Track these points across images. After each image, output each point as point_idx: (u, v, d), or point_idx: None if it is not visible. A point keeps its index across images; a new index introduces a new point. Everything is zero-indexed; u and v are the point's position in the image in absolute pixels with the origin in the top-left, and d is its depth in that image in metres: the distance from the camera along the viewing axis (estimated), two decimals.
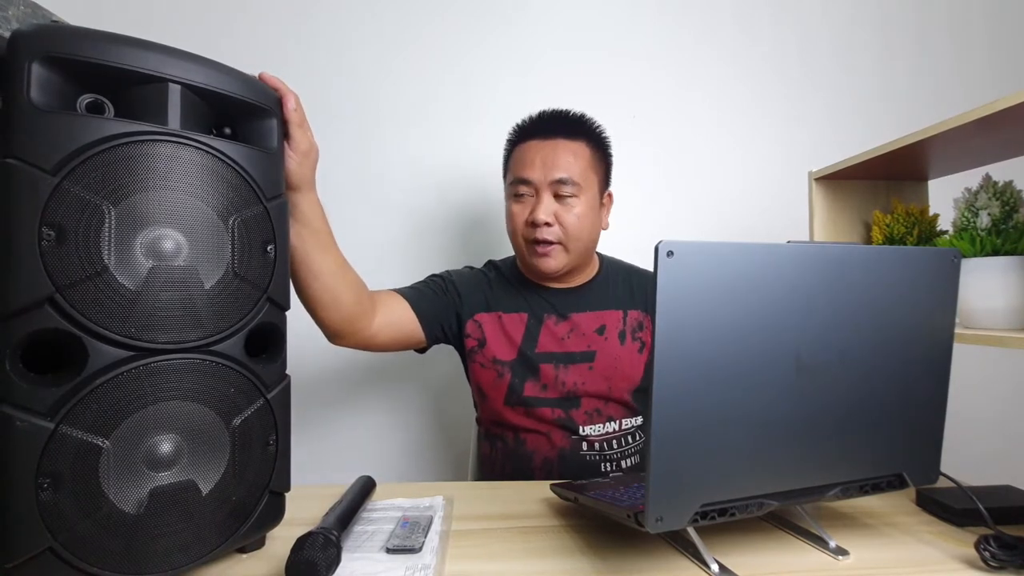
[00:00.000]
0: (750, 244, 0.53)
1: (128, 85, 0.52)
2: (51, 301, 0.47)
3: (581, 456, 0.99)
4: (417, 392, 1.41)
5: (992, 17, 1.56)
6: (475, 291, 1.04)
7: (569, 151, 0.97)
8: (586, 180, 0.97)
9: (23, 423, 0.45)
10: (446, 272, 1.07)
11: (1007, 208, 0.77)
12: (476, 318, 1.02)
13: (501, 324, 1.02)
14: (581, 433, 0.99)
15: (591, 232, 1.00)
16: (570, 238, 0.97)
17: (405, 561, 0.59)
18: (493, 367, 1.00)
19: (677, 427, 0.51)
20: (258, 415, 0.59)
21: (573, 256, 0.99)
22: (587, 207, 0.98)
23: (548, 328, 1.02)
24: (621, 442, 1.01)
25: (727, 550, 0.62)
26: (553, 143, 0.97)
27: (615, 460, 1.00)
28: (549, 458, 0.99)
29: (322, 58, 1.36)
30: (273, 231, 0.61)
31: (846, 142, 1.19)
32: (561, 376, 0.99)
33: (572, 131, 0.99)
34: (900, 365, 0.61)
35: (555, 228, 0.96)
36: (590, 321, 1.02)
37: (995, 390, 1.50)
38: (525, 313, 1.03)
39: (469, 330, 1.02)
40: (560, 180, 0.95)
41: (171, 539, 0.52)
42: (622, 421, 1.01)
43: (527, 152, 0.98)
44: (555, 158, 0.96)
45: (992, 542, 0.58)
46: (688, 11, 1.47)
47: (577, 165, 0.97)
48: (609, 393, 1.00)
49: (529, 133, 1.00)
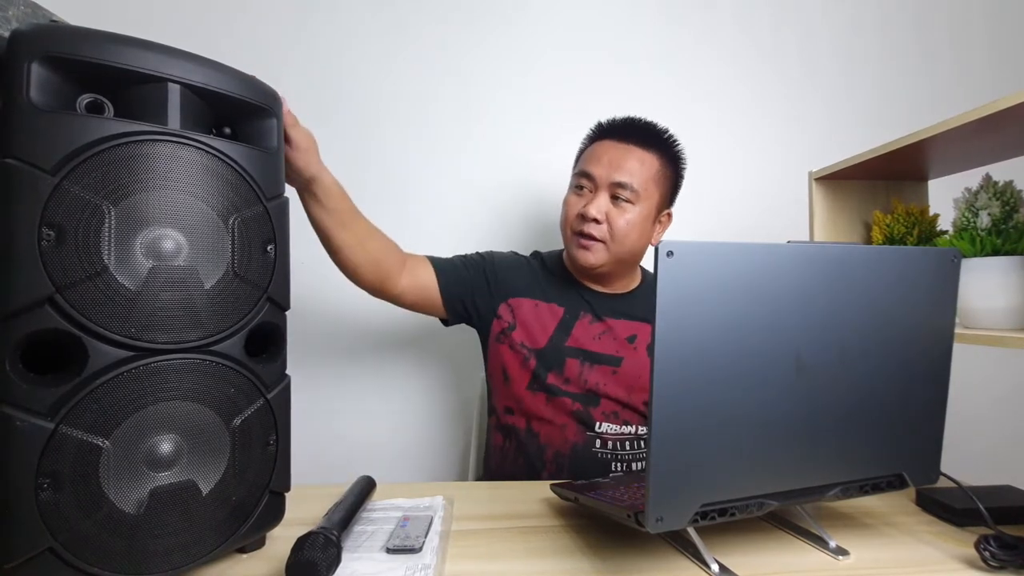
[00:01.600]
0: (750, 244, 0.53)
1: (128, 85, 0.52)
2: (51, 301, 0.47)
3: (593, 453, 0.99)
4: (418, 392, 1.41)
5: (992, 17, 1.56)
6: (515, 274, 1.06)
7: (637, 158, 0.99)
8: (646, 190, 0.99)
9: (23, 423, 0.45)
10: (488, 252, 1.10)
11: (1007, 208, 0.77)
12: (511, 301, 1.04)
13: (537, 312, 1.04)
14: (597, 429, 0.99)
15: (638, 241, 1.01)
16: (615, 240, 0.98)
17: (405, 561, 0.59)
18: (521, 350, 1.02)
19: (677, 427, 0.51)
20: (258, 415, 0.59)
21: (613, 258, 1.00)
22: (640, 216, 0.99)
23: (583, 325, 1.03)
24: (635, 445, 1.01)
25: (727, 550, 0.62)
26: (626, 147, 0.99)
27: (627, 462, 1.00)
28: (561, 452, 0.99)
29: (322, 58, 1.36)
30: (273, 231, 0.61)
31: (846, 142, 1.19)
32: (585, 374, 1.00)
33: (648, 141, 1.01)
34: (900, 365, 0.61)
35: (603, 226, 0.98)
36: (624, 329, 1.04)
37: (995, 390, 1.50)
38: (563, 307, 1.04)
39: (501, 311, 1.04)
40: (620, 183, 0.97)
41: (171, 539, 0.52)
42: (638, 427, 1.02)
43: (598, 149, 1.01)
44: (622, 161, 0.98)
45: (992, 542, 0.58)
46: (688, 11, 1.47)
47: (642, 173, 0.98)
48: (628, 400, 1.01)
49: (607, 132, 1.03)
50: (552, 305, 1.04)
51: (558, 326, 1.03)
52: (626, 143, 1.00)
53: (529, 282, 1.06)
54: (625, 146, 1.00)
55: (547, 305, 1.04)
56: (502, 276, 1.05)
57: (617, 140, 1.01)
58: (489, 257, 1.08)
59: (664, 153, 1.02)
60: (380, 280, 0.95)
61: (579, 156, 1.07)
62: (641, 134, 1.01)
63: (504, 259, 1.08)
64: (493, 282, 1.05)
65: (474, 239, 1.41)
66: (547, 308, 1.04)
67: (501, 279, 1.05)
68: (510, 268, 1.07)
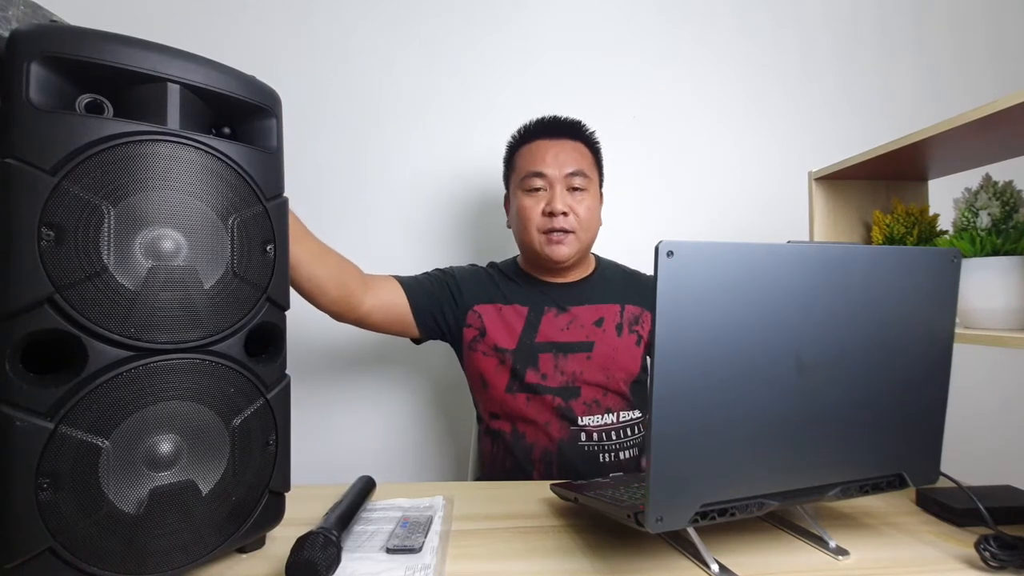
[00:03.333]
0: (750, 244, 0.53)
1: (127, 85, 0.52)
2: (51, 301, 0.47)
3: (579, 447, 1.00)
4: (417, 392, 1.41)
5: (992, 17, 1.56)
6: (476, 284, 1.08)
7: (574, 148, 1.05)
8: (591, 176, 1.05)
9: (23, 423, 0.45)
10: (449, 268, 1.11)
11: (1007, 208, 0.77)
12: (476, 308, 1.05)
13: (501, 315, 1.05)
14: (580, 423, 1.00)
15: (597, 224, 1.07)
16: (583, 227, 1.03)
17: (405, 561, 0.59)
18: (495, 354, 1.03)
19: (677, 427, 0.51)
20: (258, 415, 0.59)
21: (582, 246, 1.04)
22: (595, 200, 1.06)
23: (549, 319, 1.04)
24: (620, 433, 1.02)
25: (727, 550, 0.62)
26: (560, 142, 1.04)
27: (613, 451, 1.01)
28: (549, 450, 1.00)
29: (322, 58, 1.36)
30: (272, 231, 0.61)
31: (846, 142, 1.19)
32: (560, 364, 1.02)
33: (573, 133, 1.06)
34: (900, 365, 0.61)
35: (571, 218, 1.01)
36: (589, 314, 1.06)
37: (995, 390, 1.50)
38: (526, 306, 1.06)
39: (470, 320, 1.05)
40: (574, 172, 1.02)
41: (171, 539, 0.52)
42: (620, 413, 1.03)
43: (537, 150, 1.04)
44: (565, 153, 1.03)
45: (992, 542, 0.58)
46: (688, 11, 1.47)
47: (584, 161, 1.04)
48: (607, 383, 1.02)
49: (534, 134, 1.06)
50: (515, 306, 1.06)
51: (525, 325, 1.04)
52: (558, 138, 1.05)
53: (489, 288, 1.08)
54: (559, 141, 1.04)
55: (510, 307, 1.06)
56: (464, 287, 1.07)
57: (549, 137, 1.05)
58: (449, 271, 1.09)
59: (587, 141, 1.08)
60: (344, 297, 0.92)
61: (512, 162, 1.09)
62: (563, 128, 1.06)
63: (463, 271, 1.10)
64: (457, 294, 1.06)
65: (474, 238, 1.41)
66: (511, 310, 1.06)
67: (464, 290, 1.06)
68: (470, 278, 1.09)
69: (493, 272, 1.12)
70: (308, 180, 1.34)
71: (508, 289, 1.08)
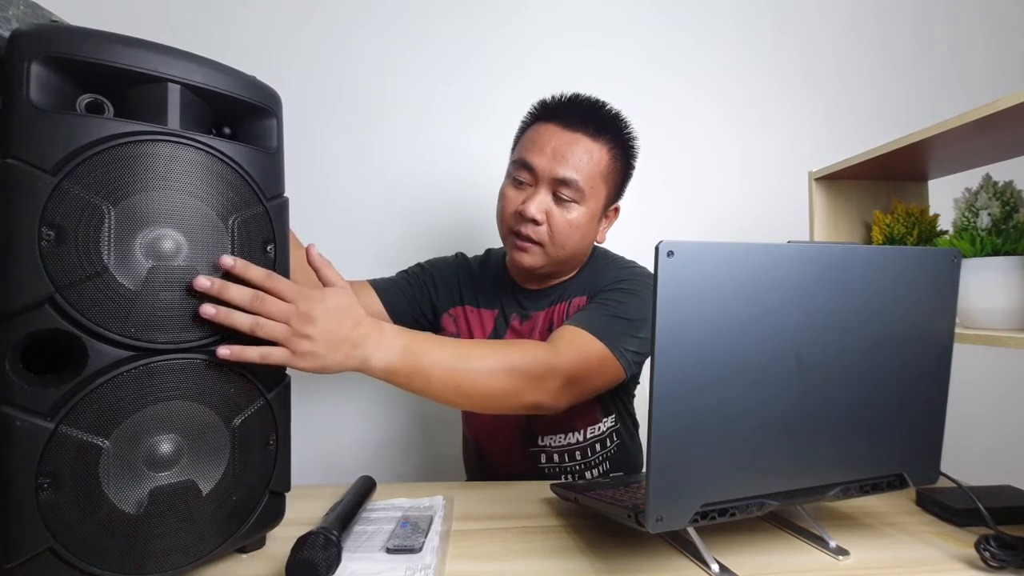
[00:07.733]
0: (750, 244, 0.53)
1: (127, 85, 0.52)
2: (51, 301, 0.47)
3: (540, 469, 0.94)
4: None
5: (992, 17, 1.56)
6: (451, 284, 1.02)
7: (585, 150, 0.86)
8: (593, 187, 0.87)
9: (23, 423, 0.45)
10: (428, 262, 1.05)
11: (1007, 208, 0.77)
12: (451, 311, 1.01)
13: (468, 320, 0.99)
14: (540, 443, 0.94)
15: (580, 242, 0.90)
16: (555, 243, 0.88)
17: (405, 561, 0.59)
18: None
19: (677, 427, 0.51)
20: (258, 415, 0.59)
21: (552, 261, 0.90)
22: (585, 216, 0.88)
23: (513, 328, 0.97)
24: (585, 452, 0.94)
25: (727, 550, 0.62)
26: (573, 136, 0.86)
27: (577, 472, 0.95)
28: (511, 471, 0.94)
29: (322, 58, 1.36)
30: (273, 231, 0.61)
31: (846, 142, 1.19)
32: None
33: (599, 129, 0.88)
34: (900, 365, 0.61)
35: (543, 228, 0.87)
36: (543, 318, 0.96)
37: (995, 390, 1.50)
38: (494, 310, 0.99)
39: (445, 324, 1.00)
40: (564, 179, 0.85)
41: (171, 539, 0.52)
42: (586, 431, 0.94)
43: (542, 135, 0.88)
44: (567, 152, 0.85)
45: (992, 542, 0.58)
46: (688, 11, 1.47)
47: (588, 169, 0.86)
48: None
49: (552, 114, 0.89)
50: (486, 311, 0.99)
51: (492, 333, 0.97)
52: (573, 130, 0.86)
53: (461, 290, 1.01)
54: (572, 134, 0.86)
55: (480, 311, 0.99)
56: (441, 288, 1.01)
57: (563, 126, 0.87)
58: (430, 268, 1.03)
59: (615, 142, 0.89)
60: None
61: (519, 138, 0.94)
62: (590, 119, 0.87)
63: (444, 268, 1.03)
64: (435, 295, 1.00)
65: (474, 238, 1.41)
66: (481, 314, 0.99)
67: (441, 291, 1.01)
68: (447, 278, 1.02)
69: (475, 266, 1.04)
70: (308, 180, 1.34)
71: (483, 290, 1.00)
